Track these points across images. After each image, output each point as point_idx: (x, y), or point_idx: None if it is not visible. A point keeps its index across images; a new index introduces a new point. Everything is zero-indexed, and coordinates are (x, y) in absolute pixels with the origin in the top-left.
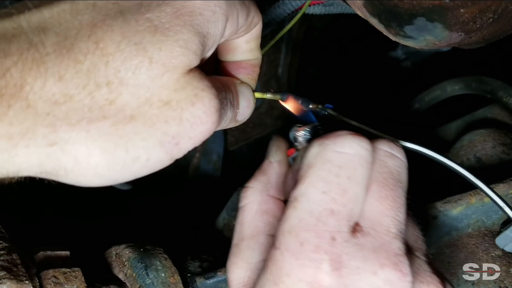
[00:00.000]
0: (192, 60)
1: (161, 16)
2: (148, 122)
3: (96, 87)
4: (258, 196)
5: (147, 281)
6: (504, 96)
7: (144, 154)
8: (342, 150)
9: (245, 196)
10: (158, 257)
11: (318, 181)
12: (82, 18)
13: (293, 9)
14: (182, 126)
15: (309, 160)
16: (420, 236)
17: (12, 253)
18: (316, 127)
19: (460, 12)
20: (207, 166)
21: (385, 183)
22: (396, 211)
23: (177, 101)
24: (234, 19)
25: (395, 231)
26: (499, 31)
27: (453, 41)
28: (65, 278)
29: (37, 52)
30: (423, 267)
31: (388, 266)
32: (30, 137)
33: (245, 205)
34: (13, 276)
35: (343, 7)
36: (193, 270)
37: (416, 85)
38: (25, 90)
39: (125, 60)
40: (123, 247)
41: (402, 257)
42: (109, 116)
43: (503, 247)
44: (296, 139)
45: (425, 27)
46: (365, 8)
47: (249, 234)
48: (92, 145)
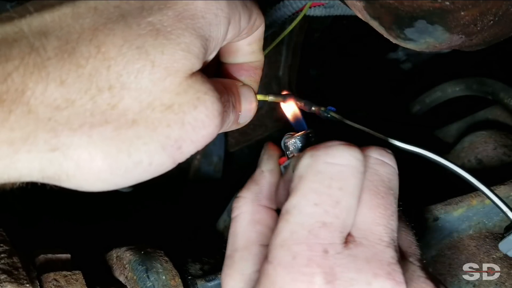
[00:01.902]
0: (194, 63)
1: (163, 20)
2: (150, 126)
3: (98, 91)
4: (250, 206)
5: (148, 284)
6: (505, 97)
7: (146, 158)
8: (334, 161)
9: (237, 206)
10: (159, 260)
11: (310, 193)
12: (84, 22)
13: (294, 11)
14: (184, 130)
15: (301, 171)
16: (414, 242)
17: (13, 256)
18: (307, 134)
19: (461, 15)
20: (208, 168)
21: (376, 191)
22: (387, 219)
23: (179, 104)
24: (236, 21)
25: (388, 239)
26: (500, 33)
27: (454, 44)
28: (66, 281)
29: (38, 56)
30: (417, 273)
31: (382, 276)
32: (31, 142)
33: (237, 216)
34: (14, 279)
35: (343, 9)
36: (194, 272)
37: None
38: (27, 95)
39: (127, 64)
40: (124, 250)
41: (395, 265)
42: (111, 121)
43: (507, 252)
44: (287, 147)
45: (425, 29)
46: (366, 10)
47: (242, 245)
48: (94, 150)
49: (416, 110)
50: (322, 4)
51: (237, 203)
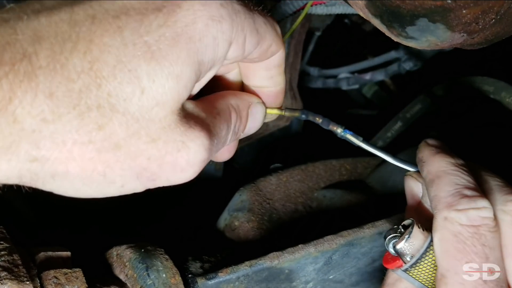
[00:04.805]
0: (182, 93)
1: (160, 41)
2: (132, 155)
3: (86, 109)
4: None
5: (148, 281)
6: (507, 96)
7: (120, 181)
8: (469, 222)
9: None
10: (159, 258)
11: (458, 254)
12: (80, 30)
13: (295, 9)
14: (163, 168)
15: (440, 241)
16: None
17: (13, 254)
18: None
19: (462, 13)
20: (208, 166)
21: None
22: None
23: (164, 141)
24: (239, 44)
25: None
26: (501, 32)
27: (456, 42)
28: (66, 278)
29: (29, 64)
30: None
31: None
32: (13, 151)
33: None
34: (14, 277)
35: (345, 8)
36: (194, 270)
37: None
38: (14, 103)
39: (118, 86)
40: (124, 248)
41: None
42: (95, 141)
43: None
44: (403, 253)
45: (427, 28)
46: (367, 8)
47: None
48: (72, 165)
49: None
50: (323, 3)
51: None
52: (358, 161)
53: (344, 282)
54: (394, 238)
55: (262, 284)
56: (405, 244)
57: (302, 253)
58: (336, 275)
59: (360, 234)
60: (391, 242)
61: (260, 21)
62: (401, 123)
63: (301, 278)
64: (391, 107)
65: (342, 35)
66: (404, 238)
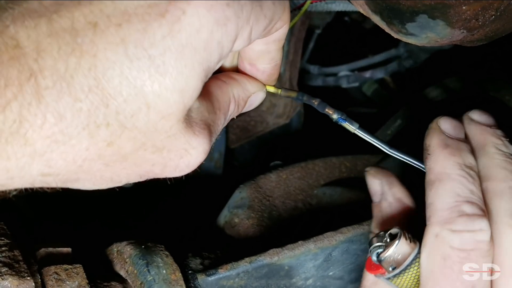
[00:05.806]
0: (187, 103)
1: (165, 55)
2: (138, 163)
3: (96, 128)
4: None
5: (149, 277)
6: (507, 94)
7: (125, 181)
8: (461, 246)
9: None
10: (159, 254)
11: (443, 280)
12: (82, 41)
13: (294, 7)
14: (165, 170)
15: (427, 258)
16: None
17: (14, 250)
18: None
19: (462, 10)
20: (208, 164)
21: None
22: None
23: (168, 150)
24: (244, 37)
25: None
26: (501, 28)
27: (455, 39)
28: (67, 274)
29: (36, 84)
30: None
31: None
32: (26, 171)
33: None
34: (14, 272)
35: (345, 5)
36: (195, 267)
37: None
38: (24, 127)
39: (125, 103)
40: (124, 244)
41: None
42: (104, 157)
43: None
44: (387, 261)
45: (427, 24)
46: (367, 5)
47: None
48: (81, 175)
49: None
50: (323, 0)
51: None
52: (358, 159)
53: (344, 278)
54: (379, 247)
55: (262, 281)
56: (390, 256)
57: (301, 250)
58: (336, 272)
59: (359, 231)
60: (376, 251)
61: (268, 4)
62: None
63: (301, 275)
64: (391, 105)
65: (342, 33)
66: (389, 249)
